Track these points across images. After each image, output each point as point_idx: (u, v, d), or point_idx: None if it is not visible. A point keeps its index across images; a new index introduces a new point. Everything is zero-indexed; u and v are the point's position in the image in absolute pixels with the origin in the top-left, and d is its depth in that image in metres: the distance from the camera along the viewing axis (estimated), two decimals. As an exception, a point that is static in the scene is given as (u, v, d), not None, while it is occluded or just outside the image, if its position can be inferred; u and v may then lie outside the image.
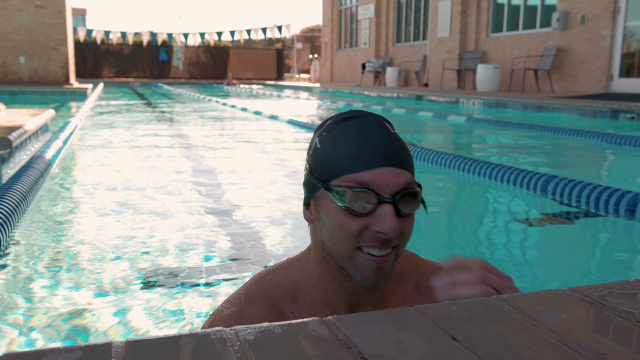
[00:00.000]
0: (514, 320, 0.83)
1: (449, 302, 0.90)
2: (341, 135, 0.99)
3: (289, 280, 1.08)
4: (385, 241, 0.95)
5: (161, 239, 2.38)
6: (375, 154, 0.96)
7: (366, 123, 0.99)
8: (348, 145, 0.97)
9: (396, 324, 0.81)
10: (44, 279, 1.89)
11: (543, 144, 6.12)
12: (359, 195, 0.94)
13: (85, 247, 2.28)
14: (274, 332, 0.79)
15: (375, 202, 0.94)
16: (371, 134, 0.98)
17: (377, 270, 0.97)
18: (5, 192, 2.66)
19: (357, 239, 0.96)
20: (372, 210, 0.94)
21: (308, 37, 42.28)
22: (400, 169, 0.96)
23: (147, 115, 10.04)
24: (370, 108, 11.56)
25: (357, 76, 22.88)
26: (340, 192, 0.95)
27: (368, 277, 0.97)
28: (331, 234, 0.98)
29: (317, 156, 1.01)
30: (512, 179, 3.22)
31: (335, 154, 0.98)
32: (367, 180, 0.94)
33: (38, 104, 10.49)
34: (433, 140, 6.92)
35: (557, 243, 2.41)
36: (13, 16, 14.92)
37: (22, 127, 4.10)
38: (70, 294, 1.79)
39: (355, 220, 0.95)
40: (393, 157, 0.96)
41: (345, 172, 0.96)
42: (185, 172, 4.09)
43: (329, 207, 0.97)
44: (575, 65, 12.69)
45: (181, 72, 30.52)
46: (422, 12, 19.50)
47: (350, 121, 1.01)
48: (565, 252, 2.31)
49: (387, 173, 0.95)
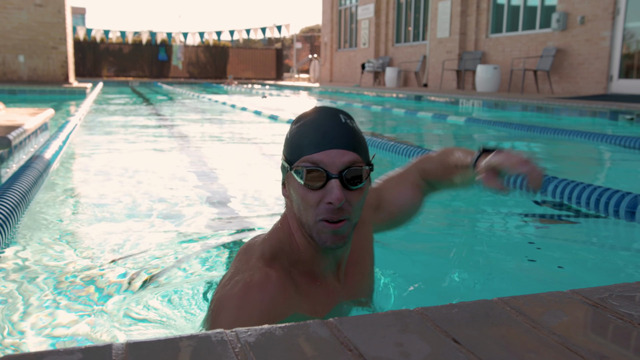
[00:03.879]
0: (515, 323, 0.82)
1: (450, 305, 0.89)
2: (302, 125, 1.21)
3: (284, 243, 1.27)
4: (336, 211, 1.16)
5: (161, 238, 2.38)
6: (325, 139, 1.17)
7: (323, 115, 1.21)
8: (306, 133, 1.19)
9: (397, 326, 0.81)
10: (44, 279, 1.89)
11: (542, 144, 6.12)
12: (311, 172, 1.16)
13: (85, 247, 2.28)
14: (274, 334, 0.79)
15: (325, 178, 1.15)
16: (325, 123, 1.19)
17: (333, 234, 1.18)
18: (4, 192, 2.66)
19: (316, 211, 1.17)
20: (324, 185, 1.16)
21: (307, 37, 42.26)
22: (346, 150, 1.17)
23: (146, 114, 10.03)
24: (370, 108, 11.55)
25: (357, 76, 22.87)
26: (299, 171, 1.17)
27: (326, 241, 1.19)
28: (298, 207, 1.21)
29: (286, 144, 1.24)
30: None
31: (297, 141, 1.20)
32: (318, 160, 1.16)
33: (37, 103, 10.48)
34: (432, 140, 6.92)
35: (556, 244, 2.41)
36: (12, 15, 14.90)
37: (22, 126, 4.10)
38: (70, 295, 1.78)
39: (313, 193, 1.17)
40: (340, 141, 1.17)
41: (302, 154, 1.18)
42: (185, 170, 4.09)
43: (294, 184, 1.20)
44: (574, 66, 12.69)
45: (180, 71, 30.49)
46: (421, 13, 19.50)
47: (312, 114, 1.22)
48: (564, 253, 2.31)
49: (334, 154, 1.16)
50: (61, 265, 2.04)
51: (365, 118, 9.74)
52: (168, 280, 1.90)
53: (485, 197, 3.06)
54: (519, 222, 2.76)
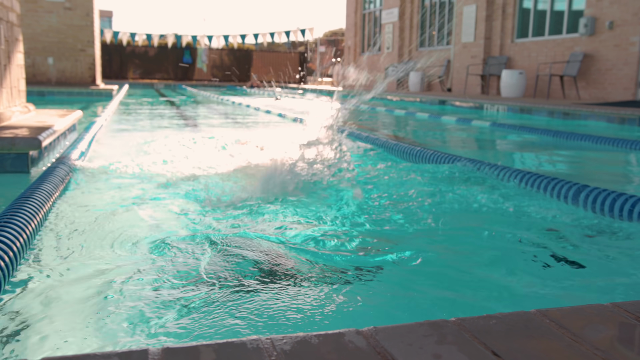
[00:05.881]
0: (556, 336, 0.80)
1: (487, 315, 0.88)
2: None
3: None
4: None
5: (192, 237, 2.38)
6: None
7: None
8: None
9: (435, 337, 0.79)
10: (74, 280, 1.90)
11: (570, 151, 6.02)
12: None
13: (114, 245, 2.29)
14: (310, 342, 0.78)
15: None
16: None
17: None
18: (33, 191, 2.70)
19: None
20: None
21: (331, 41, 42.29)
22: None
23: (171, 115, 10.13)
24: (393, 112, 11.50)
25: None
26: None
27: None
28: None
29: None
30: (542, 187, 3.17)
31: None
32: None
33: (65, 104, 10.65)
34: (458, 145, 6.86)
35: (590, 255, 2.36)
36: (43, 18, 15.21)
37: (51, 127, 4.16)
38: (103, 295, 1.79)
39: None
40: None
41: None
42: (211, 171, 4.10)
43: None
44: (602, 72, 12.48)
45: (204, 74, 30.78)
46: (446, 17, 19.40)
47: None
48: (599, 264, 2.26)
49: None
50: (90, 265, 2.06)
51: (388, 121, 9.70)
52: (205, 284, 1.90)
53: (514, 205, 3.02)
54: (550, 230, 2.71)
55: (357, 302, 1.76)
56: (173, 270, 2.00)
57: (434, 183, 3.61)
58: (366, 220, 2.71)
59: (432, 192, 3.25)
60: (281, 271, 2.02)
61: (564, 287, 1.96)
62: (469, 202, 3.02)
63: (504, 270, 2.11)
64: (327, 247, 2.30)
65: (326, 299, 1.77)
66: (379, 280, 1.98)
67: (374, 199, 3.13)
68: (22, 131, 3.94)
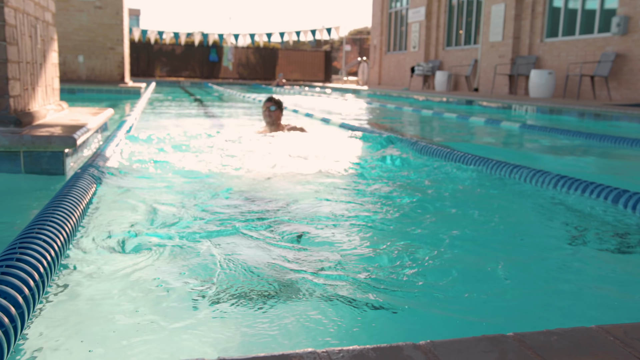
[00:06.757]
0: (623, 356, 0.77)
1: (547, 331, 0.85)
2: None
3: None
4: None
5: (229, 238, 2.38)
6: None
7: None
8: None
9: (495, 353, 0.77)
10: (109, 278, 1.92)
11: (603, 153, 5.90)
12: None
13: (151, 244, 2.30)
14: (367, 356, 0.77)
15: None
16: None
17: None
18: (70, 190, 2.73)
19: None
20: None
21: (356, 40, 42.19)
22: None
23: (198, 113, 10.20)
24: (420, 112, 11.41)
25: (406, 79, 22.69)
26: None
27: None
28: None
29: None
30: (579, 191, 3.11)
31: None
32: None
33: (95, 101, 10.81)
34: (487, 147, 6.77)
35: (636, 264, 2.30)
36: (74, 17, 15.47)
37: (85, 125, 4.22)
38: (148, 305, 1.80)
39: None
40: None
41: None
42: (240, 169, 4.12)
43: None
44: (635, 72, 12.22)
45: (230, 72, 30.98)
46: (473, 16, 19.19)
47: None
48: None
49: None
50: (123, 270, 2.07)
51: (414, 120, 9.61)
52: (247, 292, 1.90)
53: (553, 210, 2.96)
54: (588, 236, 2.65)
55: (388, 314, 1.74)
56: (229, 279, 2.00)
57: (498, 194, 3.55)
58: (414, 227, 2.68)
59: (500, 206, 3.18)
60: (324, 282, 2.00)
61: (613, 299, 1.91)
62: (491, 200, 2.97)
63: (572, 284, 2.06)
64: (381, 255, 2.27)
65: (374, 310, 1.75)
66: (418, 292, 1.95)
67: (432, 207, 3.08)
68: (57, 129, 4.00)
